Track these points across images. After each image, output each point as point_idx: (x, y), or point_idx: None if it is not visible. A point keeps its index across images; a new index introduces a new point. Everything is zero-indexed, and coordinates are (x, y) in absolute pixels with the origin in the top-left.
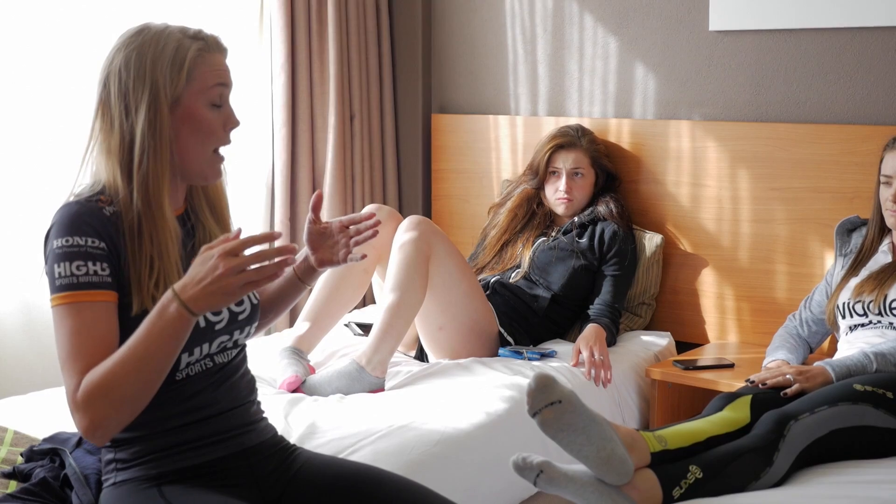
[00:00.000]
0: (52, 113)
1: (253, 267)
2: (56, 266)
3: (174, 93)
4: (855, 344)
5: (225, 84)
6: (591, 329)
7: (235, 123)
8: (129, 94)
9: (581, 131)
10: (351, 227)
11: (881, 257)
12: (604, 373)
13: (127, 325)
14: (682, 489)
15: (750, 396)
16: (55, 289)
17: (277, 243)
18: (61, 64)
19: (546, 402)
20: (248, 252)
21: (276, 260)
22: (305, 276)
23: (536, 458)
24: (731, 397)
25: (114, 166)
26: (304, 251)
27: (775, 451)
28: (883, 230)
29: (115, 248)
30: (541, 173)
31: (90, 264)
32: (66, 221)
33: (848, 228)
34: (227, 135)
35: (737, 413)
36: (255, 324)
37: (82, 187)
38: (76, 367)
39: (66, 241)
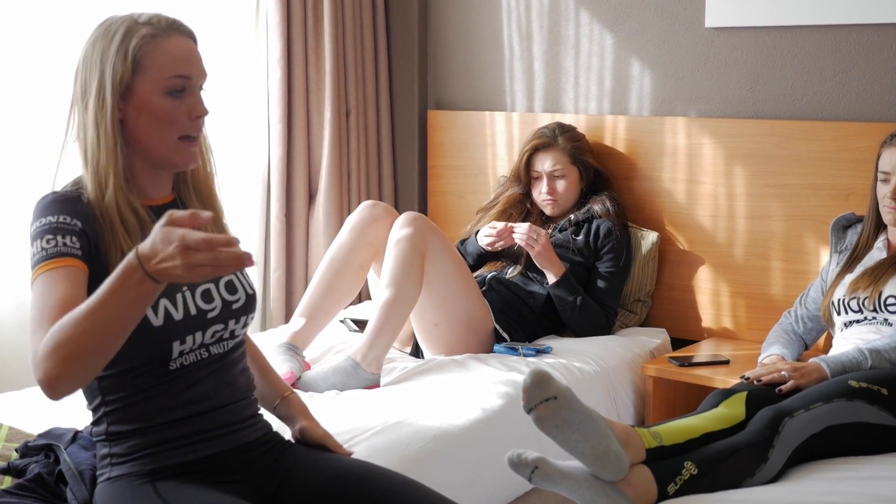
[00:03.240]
0: (50, 112)
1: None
2: (31, 247)
3: (121, 81)
4: (849, 340)
5: (183, 75)
6: (556, 259)
7: (202, 112)
8: (87, 86)
9: (558, 129)
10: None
11: (876, 254)
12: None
13: None
14: (676, 485)
15: (745, 393)
16: (31, 267)
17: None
18: (60, 67)
19: (541, 399)
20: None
21: (232, 258)
22: (281, 416)
23: (531, 455)
24: (727, 394)
25: (80, 160)
26: (298, 426)
27: (770, 447)
28: (878, 226)
29: (92, 229)
30: (523, 178)
31: (59, 237)
32: (42, 206)
33: (843, 225)
34: (192, 123)
35: (732, 409)
36: (252, 314)
37: (66, 184)
38: (41, 324)
39: (40, 221)
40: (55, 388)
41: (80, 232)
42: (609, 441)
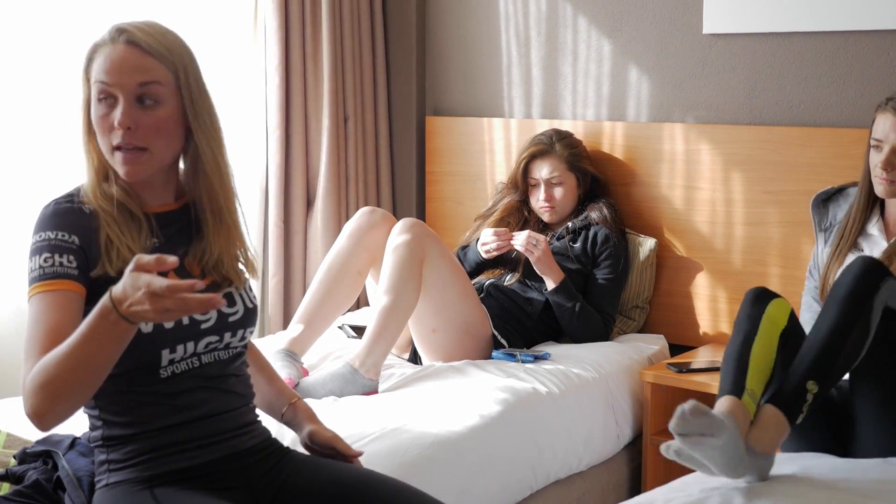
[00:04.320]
0: (52, 117)
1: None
2: (29, 262)
3: (86, 87)
4: None
5: (104, 82)
6: (556, 266)
7: (120, 123)
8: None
9: (555, 136)
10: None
11: (875, 240)
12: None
13: None
14: (804, 413)
15: (790, 308)
16: (28, 283)
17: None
18: (64, 71)
19: (697, 432)
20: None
21: (199, 303)
22: (288, 423)
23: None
24: (769, 295)
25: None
26: (307, 430)
27: (870, 314)
28: (870, 199)
29: (89, 243)
30: (520, 186)
31: (56, 256)
32: (42, 219)
33: (822, 199)
34: (116, 132)
35: (781, 311)
36: (251, 327)
37: (72, 189)
38: (31, 353)
39: (39, 236)
40: (43, 421)
41: (78, 249)
42: (744, 463)
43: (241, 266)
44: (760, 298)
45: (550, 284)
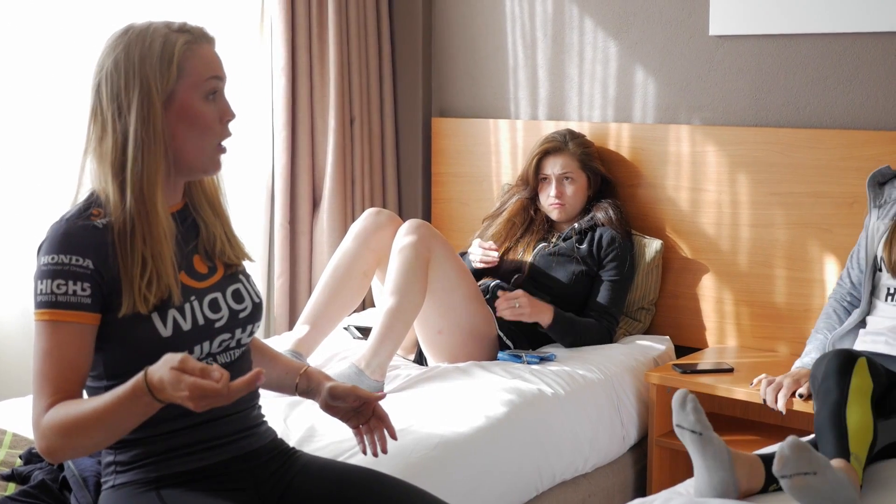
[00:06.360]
0: (55, 119)
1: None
2: (39, 282)
3: (166, 88)
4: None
5: (219, 77)
6: (542, 304)
7: (231, 115)
8: (121, 94)
9: (569, 136)
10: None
11: None
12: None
13: (114, 325)
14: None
15: (864, 359)
16: (36, 305)
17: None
18: (66, 72)
19: (799, 471)
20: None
21: (244, 388)
22: (304, 392)
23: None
24: (848, 360)
25: (105, 169)
26: (325, 387)
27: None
28: None
29: (104, 262)
30: (531, 182)
31: (71, 284)
32: (55, 239)
33: (879, 181)
34: (225, 128)
35: (863, 380)
36: (258, 322)
37: (80, 201)
38: (44, 390)
39: (52, 258)
40: (56, 460)
41: (93, 273)
42: None
43: (234, 246)
44: (844, 369)
45: (545, 321)
